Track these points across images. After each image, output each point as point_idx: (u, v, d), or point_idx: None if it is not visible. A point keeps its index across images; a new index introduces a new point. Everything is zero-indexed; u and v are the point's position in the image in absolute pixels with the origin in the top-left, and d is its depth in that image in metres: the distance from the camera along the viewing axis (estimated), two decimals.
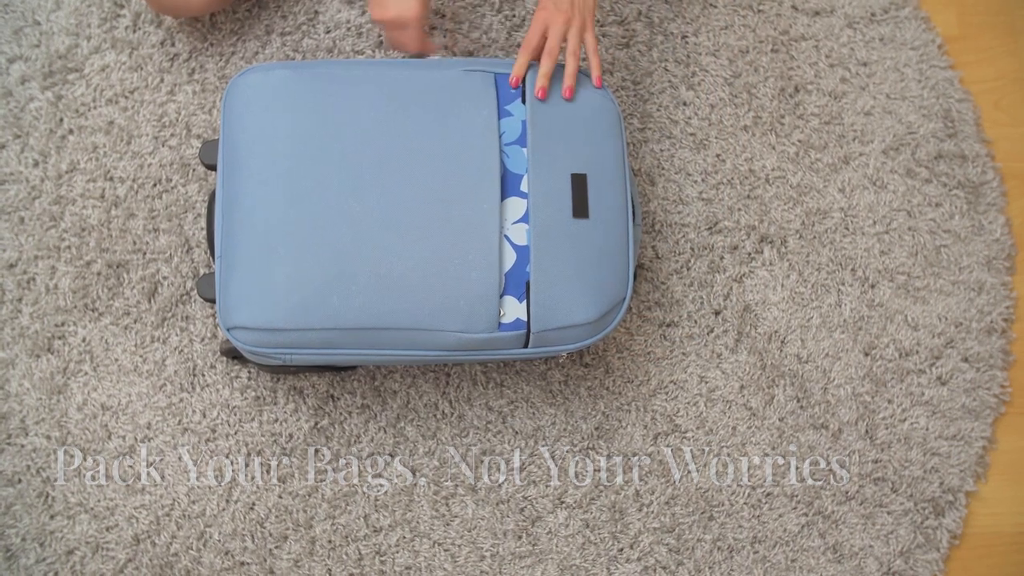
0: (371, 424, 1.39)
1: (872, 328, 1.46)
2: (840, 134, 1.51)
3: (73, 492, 1.36)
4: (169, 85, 1.46)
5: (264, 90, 1.21)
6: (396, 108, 1.20)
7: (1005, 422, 1.47)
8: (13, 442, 1.37)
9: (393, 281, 1.15)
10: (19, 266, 1.41)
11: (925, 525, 1.42)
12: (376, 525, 1.37)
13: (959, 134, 1.52)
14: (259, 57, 1.47)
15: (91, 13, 1.47)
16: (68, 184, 1.43)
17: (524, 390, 1.41)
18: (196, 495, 1.37)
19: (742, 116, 1.50)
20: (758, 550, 1.40)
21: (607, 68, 1.49)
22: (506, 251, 1.18)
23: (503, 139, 1.21)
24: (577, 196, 1.20)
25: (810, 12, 1.54)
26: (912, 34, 1.54)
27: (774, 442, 1.42)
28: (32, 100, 1.45)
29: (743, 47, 1.52)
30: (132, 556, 1.35)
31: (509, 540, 1.38)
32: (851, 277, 1.47)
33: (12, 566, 1.34)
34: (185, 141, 1.45)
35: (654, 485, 1.40)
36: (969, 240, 1.49)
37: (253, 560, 1.36)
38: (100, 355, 1.39)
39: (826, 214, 1.48)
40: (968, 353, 1.46)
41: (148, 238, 1.42)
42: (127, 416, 1.38)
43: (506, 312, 1.17)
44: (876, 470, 1.42)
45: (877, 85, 1.52)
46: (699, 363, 1.44)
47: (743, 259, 1.47)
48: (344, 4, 1.49)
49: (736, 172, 1.49)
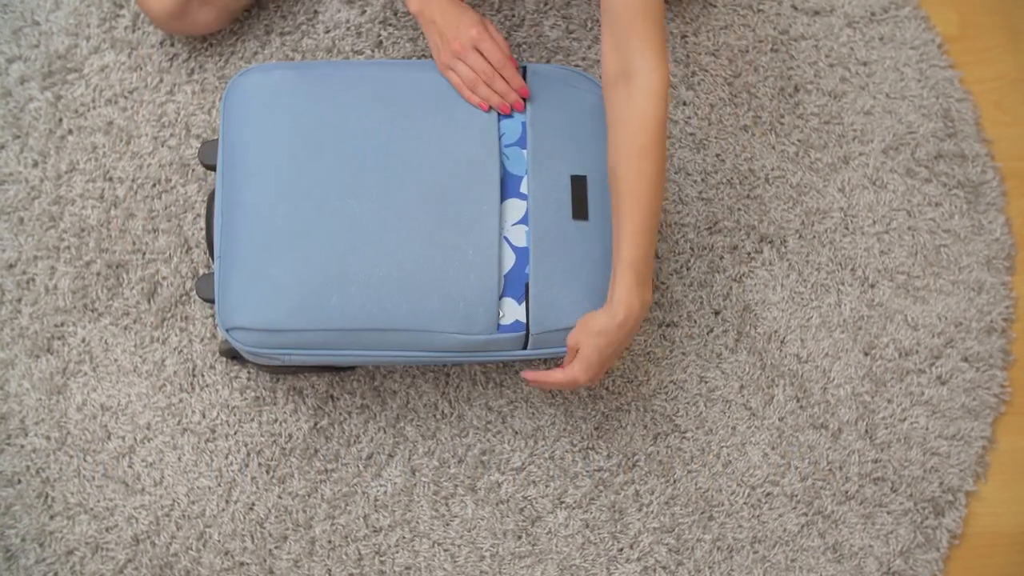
0: (371, 424, 1.40)
1: (872, 328, 1.46)
2: (840, 134, 1.50)
3: (72, 492, 1.36)
4: (168, 85, 1.46)
5: (264, 90, 1.21)
6: (396, 109, 1.20)
7: (1005, 422, 1.47)
8: (12, 443, 1.37)
9: (392, 282, 1.15)
10: (18, 266, 1.41)
11: (925, 525, 1.42)
12: (376, 525, 1.37)
13: (959, 134, 1.52)
14: (258, 57, 1.47)
15: (90, 13, 1.47)
16: (67, 184, 1.43)
17: (524, 390, 1.41)
18: (196, 495, 1.37)
19: (742, 116, 1.50)
20: (758, 550, 1.40)
21: None
22: (505, 253, 1.18)
23: (503, 140, 1.21)
24: (577, 198, 1.20)
25: (810, 11, 1.54)
26: (912, 34, 1.54)
27: (774, 442, 1.42)
28: (31, 100, 1.45)
29: (743, 47, 1.52)
30: (132, 556, 1.35)
31: (509, 540, 1.38)
32: (851, 277, 1.47)
33: (12, 567, 1.34)
34: (184, 141, 1.45)
35: (654, 485, 1.40)
36: (969, 240, 1.49)
37: (253, 560, 1.36)
38: (99, 355, 1.39)
39: (826, 214, 1.48)
40: (968, 353, 1.46)
41: (147, 238, 1.42)
42: (127, 416, 1.38)
43: (505, 314, 1.17)
44: (876, 470, 1.42)
45: (877, 85, 1.52)
46: (699, 363, 1.44)
47: (743, 259, 1.46)
48: (343, 4, 1.49)
49: (736, 172, 1.48)
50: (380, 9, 1.49)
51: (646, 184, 1.08)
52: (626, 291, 1.08)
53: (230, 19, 1.43)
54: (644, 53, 1.08)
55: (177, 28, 1.38)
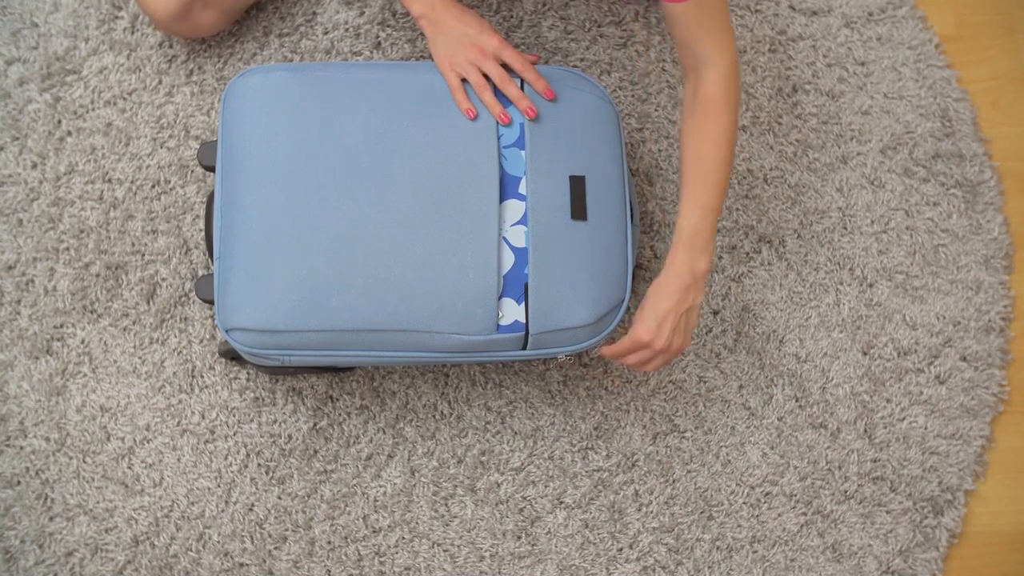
0: (370, 425, 1.40)
1: (870, 327, 1.46)
2: (838, 134, 1.51)
3: (72, 494, 1.36)
4: (167, 87, 1.46)
5: (263, 92, 1.21)
6: (395, 110, 1.20)
7: (1004, 421, 1.47)
8: (12, 444, 1.37)
9: (391, 283, 1.15)
10: (18, 268, 1.41)
11: (924, 524, 1.42)
12: (375, 526, 1.37)
13: (956, 133, 1.52)
14: (257, 58, 1.47)
15: (89, 15, 1.47)
16: (66, 186, 1.43)
17: (523, 390, 1.42)
18: (195, 496, 1.37)
19: (740, 116, 1.50)
20: (757, 549, 1.40)
21: (605, 68, 1.50)
22: (504, 253, 1.18)
23: (501, 141, 1.21)
24: (575, 198, 1.20)
25: (807, 12, 1.54)
26: (909, 33, 1.54)
27: (773, 441, 1.42)
28: (30, 102, 1.45)
29: (740, 47, 1.52)
30: (131, 558, 1.35)
31: (508, 540, 1.38)
32: (849, 276, 1.47)
33: (11, 568, 1.34)
34: (183, 143, 1.45)
35: (653, 485, 1.40)
36: (967, 239, 1.49)
37: (252, 561, 1.36)
38: (99, 357, 1.39)
39: (824, 214, 1.48)
40: (966, 352, 1.46)
41: (147, 239, 1.42)
42: (126, 418, 1.38)
43: (504, 314, 1.17)
44: (875, 469, 1.42)
45: (875, 85, 1.52)
46: (697, 363, 1.44)
47: (741, 259, 1.47)
48: (342, 5, 1.49)
49: (734, 172, 1.49)
50: (378, 11, 1.50)
51: (725, 167, 1.18)
52: (686, 256, 1.16)
53: (231, 20, 1.43)
54: (710, 44, 1.17)
55: (179, 30, 1.38)
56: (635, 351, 1.16)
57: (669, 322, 1.14)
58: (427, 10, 1.23)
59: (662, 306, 1.14)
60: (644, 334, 1.14)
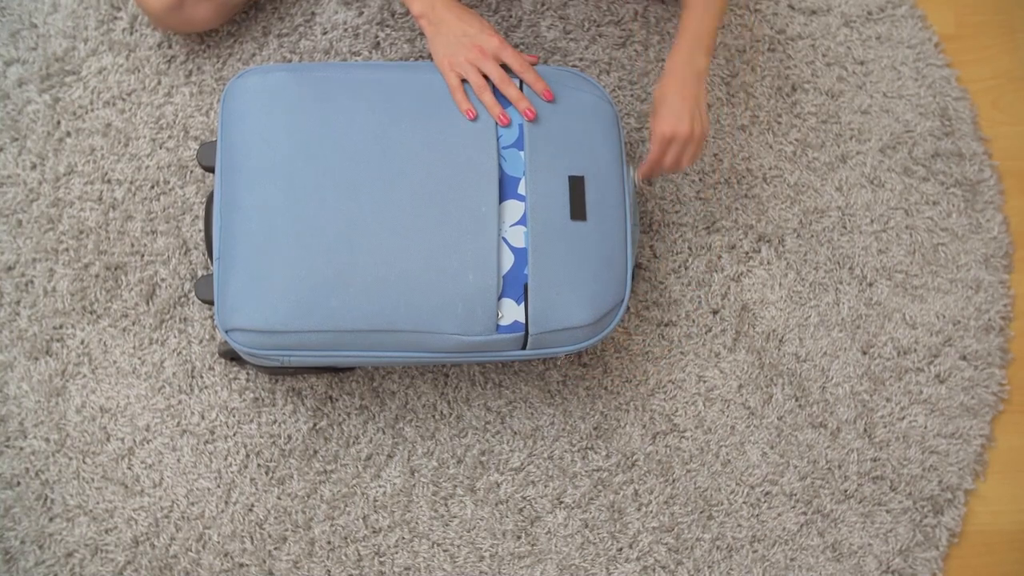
0: (370, 425, 1.40)
1: (870, 327, 1.46)
2: (837, 133, 1.51)
3: (72, 494, 1.36)
4: (166, 87, 1.46)
5: (262, 92, 1.21)
6: (394, 110, 1.20)
7: (1003, 420, 1.47)
8: (12, 445, 1.37)
9: (391, 283, 1.15)
10: (17, 268, 1.41)
11: (924, 523, 1.42)
12: (375, 526, 1.37)
13: (956, 132, 1.52)
14: (256, 59, 1.47)
15: (88, 16, 1.47)
16: (66, 186, 1.43)
17: (522, 390, 1.42)
18: (195, 497, 1.37)
19: (739, 115, 1.50)
20: (757, 549, 1.40)
21: (604, 68, 1.49)
22: (504, 253, 1.18)
23: (500, 142, 1.21)
24: (575, 198, 1.20)
25: (807, 11, 1.54)
26: (909, 32, 1.54)
27: (772, 441, 1.42)
28: (29, 103, 1.45)
29: (740, 46, 1.52)
30: (131, 558, 1.35)
31: (508, 540, 1.38)
32: (849, 276, 1.47)
33: (11, 569, 1.34)
34: (183, 143, 1.45)
35: (653, 485, 1.40)
36: (967, 238, 1.49)
37: (252, 561, 1.36)
38: (98, 357, 1.39)
39: (823, 213, 1.48)
40: (966, 351, 1.46)
41: (146, 240, 1.42)
42: (126, 418, 1.38)
43: (504, 314, 1.17)
44: (875, 468, 1.42)
45: (874, 84, 1.52)
46: (697, 362, 1.44)
47: (741, 258, 1.47)
48: (341, 5, 1.49)
49: (733, 171, 1.49)
50: (377, 10, 1.50)
51: None
52: (687, 54, 1.22)
53: (227, 16, 1.42)
54: None
55: (174, 23, 1.38)
56: (665, 151, 1.22)
57: (686, 110, 1.20)
58: (427, 9, 1.23)
59: (673, 100, 1.21)
60: (667, 128, 1.20)
